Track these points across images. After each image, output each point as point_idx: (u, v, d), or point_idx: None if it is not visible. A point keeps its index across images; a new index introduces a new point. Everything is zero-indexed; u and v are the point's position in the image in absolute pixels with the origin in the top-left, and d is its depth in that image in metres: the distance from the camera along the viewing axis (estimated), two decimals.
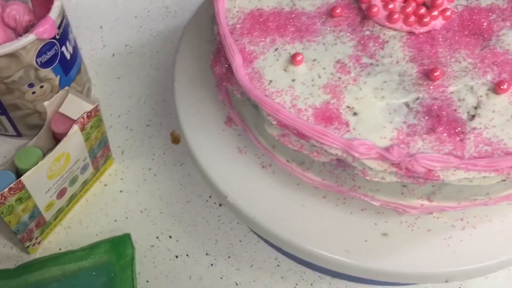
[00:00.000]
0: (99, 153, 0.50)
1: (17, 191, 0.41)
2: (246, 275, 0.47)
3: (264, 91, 0.38)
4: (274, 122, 0.37)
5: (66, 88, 0.47)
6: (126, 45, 0.64)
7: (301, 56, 0.39)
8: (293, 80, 0.38)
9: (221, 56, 0.41)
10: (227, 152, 0.43)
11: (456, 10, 0.42)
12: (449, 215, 0.40)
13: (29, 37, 0.46)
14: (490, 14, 0.42)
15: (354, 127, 0.36)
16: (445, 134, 0.35)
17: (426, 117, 0.36)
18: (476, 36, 0.40)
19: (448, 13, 0.41)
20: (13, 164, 0.43)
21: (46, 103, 0.46)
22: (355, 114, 0.37)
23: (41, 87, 0.50)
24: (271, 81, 0.38)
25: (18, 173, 0.43)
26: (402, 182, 0.35)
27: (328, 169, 0.38)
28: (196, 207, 0.51)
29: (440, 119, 0.36)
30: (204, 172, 0.42)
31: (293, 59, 0.39)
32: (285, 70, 0.39)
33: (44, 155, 0.43)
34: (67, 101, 0.47)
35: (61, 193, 0.48)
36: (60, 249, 0.48)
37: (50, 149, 0.43)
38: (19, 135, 0.55)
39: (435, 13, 0.40)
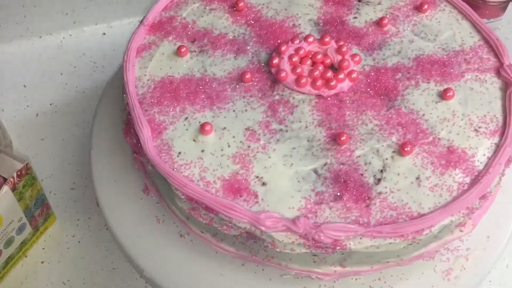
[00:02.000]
0: (37, 212, 0.49)
1: None
2: None
3: (172, 164, 0.37)
4: (183, 196, 0.36)
5: None
6: (50, 104, 0.63)
7: (209, 126, 0.39)
8: (202, 151, 0.38)
9: (131, 127, 0.40)
10: (144, 222, 0.42)
11: (363, 71, 0.43)
12: (368, 276, 0.40)
13: None
14: (396, 73, 0.43)
15: (262, 198, 0.36)
16: (352, 201, 0.36)
17: (334, 184, 0.37)
18: (382, 97, 0.41)
19: (354, 75, 0.42)
20: None
21: None
22: (263, 184, 0.37)
23: None
24: (180, 152, 0.38)
25: None
26: (311, 252, 0.35)
27: (240, 241, 0.37)
28: (122, 274, 0.49)
29: (347, 185, 0.36)
30: (120, 245, 0.41)
31: (202, 128, 0.39)
32: (194, 140, 0.39)
33: None
34: None
35: None
36: None
37: None
38: None
39: (342, 76, 0.41)
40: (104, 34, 0.71)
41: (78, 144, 0.59)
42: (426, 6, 0.47)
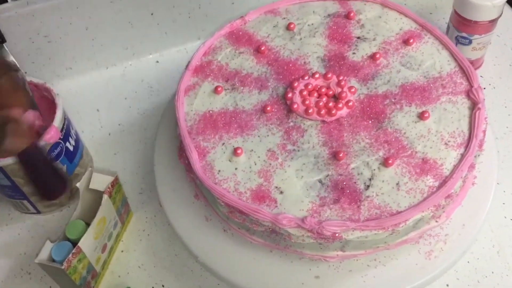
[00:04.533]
0: (123, 210, 0.64)
1: (77, 255, 0.55)
2: None
3: (214, 180, 0.51)
4: (223, 204, 0.50)
5: (90, 169, 0.61)
6: (119, 124, 0.77)
7: (241, 150, 0.52)
8: (236, 169, 0.51)
9: (183, 152, 0.54)
10: (197, 220, 0.56)
11: (358, 98, 0.55)
12: (366, 256, 0.52)
13: (41, 144, 0.59)
14: (384, 99, 0.54)
15: (280, 203, 0.49)
16: (347, 203, 0.48)
17: (333, 190, 0.49)
18: (372, 120, 0.53)
19: (350, 103, 0.53)
20: (64, 235, 0.57)
21: (78, 184, 0.59)
22: (281, 192, 0.49)
23: None
24: (219, 170, 0.51)
25: (71, 242, 0.56)
26: (317, 242, 0.48)
27: (266, 234, 0.50)
28: (182, 259, 0.64)
29: (344, 191, 0.49)
30: (180, 238, 0.55)
31: (235, 151, 0.52)
32: (229, 160, 0.52)
33: (85, 223, 0.57)
34: (93, 178, 0.61)
35: (103, 248, 0.61)
36: None
37: (89, 217, 0.57)
38: (38, 212, 0.68)
39: (340, 105, 0.53)
40: (157, 62, 0.85)
41: (142, 157, 0.73)
42: (412, 40, 0.58)
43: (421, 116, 0.52)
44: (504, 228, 0.62)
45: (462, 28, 0.70)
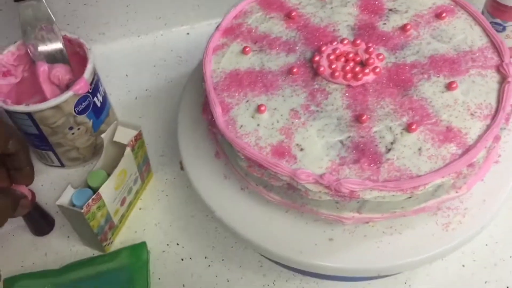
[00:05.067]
0: (144, 167, 0.65)
1: (97, 201, 0.56)
2: (236, 274, 0.60)
3: (236, 134, 0.51)
4: (243, 157, 0.50)
5: (115, 122, 0.62)
6: (146, 90, 0.79)
7: (264, 107, 0.52)
8: (258, 125, 0.52)
9: (208, 107, 0.55)
10: (215, 178, 0.56)
11: (386, 66, 0.54)
12: (382, 223, 0.52)
13: (69, 93, 0.61)
14: (412, 69, 0.54)
15: (300, 160, 0.49)
16: (366, 164, 0.48)
17: (354, 151, 0.49)
18: (399, 87, 0.53)
19: (377, 70, 0.53)
20: (86, 183, 0.58)
21: (102, 135, 0.60)
22: (301, 150, 0.50)
23: (79, 129, 0.65)
24: (241, 125, 0.52)
25: (92, 190, 0.57)
26: (334, 199, 0.48)
27: (284, 191, 0.50)
28: (198, 220, 0.65)
29: (364, 152, 0.49)
30: (198, 193, 0.56)
31: (258, 108, 0.52)
32: (252, 117, 0.52)
33: (108, 175, 0.58)
34: (117, 131, 0.62)
35: (123, 201, 0.62)
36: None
37: (111, 168, 0.58)
38: (62, 165, 0.70)
39: (367, 70, 0.53)
40: (188, 34, 0.86)
41: (166, 122, 0.74)
42: (444, 14, 0.57)
43: (449, 86, 0.52)
44: None
45: (497, 14, 0.69)
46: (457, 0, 0.59)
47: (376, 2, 0.60)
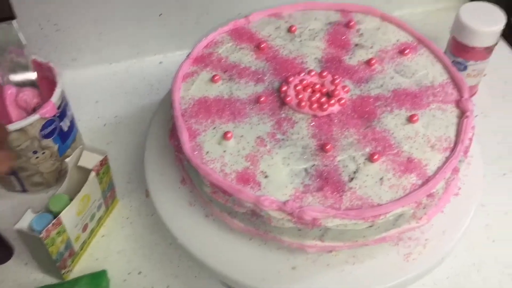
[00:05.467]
0: (108, 194, 0.64)
1: (57, 226, 0.54)
2: None
3: (202, 160, 0.51)
4: (208, 183, 0.50)
5: (81, 146, 0.61)
6: (115, 116, 0.79)
7: (231, 134, 0.53)
8: (224, 151, 0.52)
9: (175, 133, 0.55)
10: (180, 205, 0.56)
11: (351, 98, 0.56)
12: (344, 252, 0.52)
13: (35, 117, 0.60)
14: (376, 101, 0.55)
15: (264, 187, 0.49)
16: (329, 192, 0.48)
17: (318, 179, 0.49)
18: (363, 119, 0.54)
19: (343, 101, 0.55)
20: (47, 208, 0.57)
21: (67, 160, 0.59)
22: (266, 177, 0.50)
23: (43, 153, 0.64)
24: (207, 152, 0.52)
25: (53, 215, 0.56)
26: (297, 227, 0.48)
27: (247, 218, 0.50)
28: (162, 248, 0.64)
29: (328, 181, 0.49)
30: (162, 220, 0.55)
31: (225, 135, 0.53)
32: (219, 144, 0.53)
33: (70, 199, 0.57)
34: (82, 156, 0.61)
35: (84, 228, 0.61)
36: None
37: (74, 193, 0.57)
38: (24, 191, 0.68)
39: (333, 101, 0.54)
40: (160, 62, 0.87)
41: (134, 148, 0.74)
42: (407, 51, 0.60)
43: (410, 119, 0.53)
44: (485, 248, 0.62)
45: (458, 53, 0.72)
46: (420, 38, 0.61)
47: (343, 37, 0.62)
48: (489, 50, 0.71)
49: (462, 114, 0.54)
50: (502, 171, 0.70)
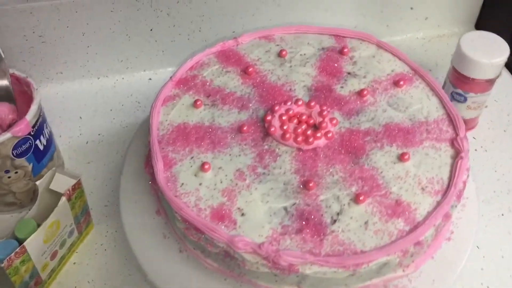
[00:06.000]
0: (82, 219, 0.61)
1: (21, 255, 0.51)
2: None
3: (176, 192, 0.48)
4: (180, 218, 0.47)
5: (53, 168, 0.58)
6: (98, 134, 0.75)
7: (208, 165, 0.49)
8: (200, 184, 0.49)
9: (150, 160, 0.51)
10: (154, 237, 0.53)
11: (339, 131, 0.52)
12: None
13: (6, 135, 0.57)
14: (366, 136, 0.52)
15: (240, 225, 0.46)
16: (309, 235, 0.45)
17: (298, 220, 0.46)
18: (350, 154, 0.51)
19: (330, 134, 0.51)
20: (13, 234, 0.54)
21: (38, 182, 0.56)
22: (243, 214, 0.46)
23: (16, 172, 0.61)
24: (182, 184, 0.49)
25: (18, 241, 0.53)
26: (272, 272, 0.44)
27: (221, 258, 0.47)
28: (135, 280, 0.60)
29: (308, 222, 0.46)
30: (132, 253, 0.52)
31: (202, 166, 0.49)
32: (195, 175, 0.49)
33: (38, 225, 0.54)
34: (55, 179, 0.58)
35: (53, 255, 0.57)
36: None
37: (44, 218, 0.53)
38: None
39: (319, 134, 0.51)
40: (150, 79, 0.84)
41: (115, 169, 0.71)
42: (402, 82, 0.56)
43: (401, 157, 0.50)
44: None
45: (459, 84, 0.68)
46: (416, 69, 0.58)
47: (336, 65, 0.58)
48: (491, 82, 0.67)
49: (457, 154, 0.50)
50: (500, 211, 0.66)
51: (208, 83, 0.57)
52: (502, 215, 0.65)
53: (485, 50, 0.65)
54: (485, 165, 0.70)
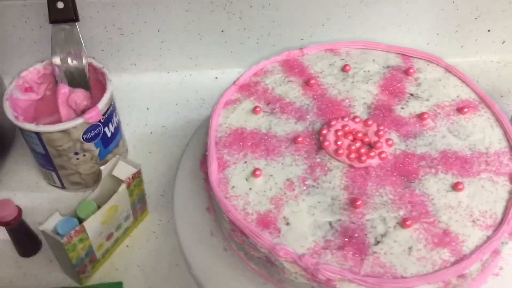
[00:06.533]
0: (138, 206, 0.64)
1: (80, 233, 0.55)
2: None
3: (226, 194, 0.50)
4: (227, 219, 0.49)
5: (117, 156, 0.62)
6: (162, 127, 0.79)
7: (260, 171, 0.51)
8: (250, 189, 0.50)
9: (206, 160, 0.54)
10: (202, 233, 0.55)
11: (393, 153, 0.52)
12: None
13: (79, 120, 0.61)
14: (421, 160, 0.51)
15: (283, 234, 0.47)
16: (351, 253, 0.45)
17: (341, 236, 0.46)
18: (402, 177, 0.50)
19: (383, 155, 0.51)
20: (75, 213, 0.58)
21: (102, 167, 0.60)
22: (287, 224, 0.48)
23: (84, 155, 0.65)
24: (233, 186, 0.50)
25: (79, 220, 0.57)
26: (311, 284, 0.45)
27: (262, 263, 0.48)
28: (182, 270, 0.62)
29: (352, 240, 0.46)
30: (180, 245, 0.54)
31: (254, 172, 0.51)
32: (246, 179, 0.51)
33: (98, 207, 0.58)
34: (117, 165, 0.62)
35: (109, 237, 0.61)
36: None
37: (104, 201, 0.57)
38: (63, 187, 0.70)
39: (373, 154, 0.51)
40: (216, 78, 0.86)
41: (174, 162, 0.74)
42: (466, 109, 0.55)
43: (455, 186, 0.49)
44: None
45: None
46: (483, 97, 0.56)
47: (399, 85, 0.58)
48: None
49: None
50: None
51: (269, 91, 0.59)
52: None
53: None
54: None
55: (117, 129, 0.69)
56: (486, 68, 0.84)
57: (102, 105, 0.64)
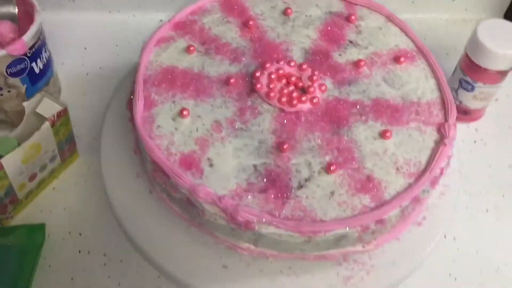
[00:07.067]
0: (66, 147, 0.61)
1: None
2: (130, 280, 0.56)
3: (150, 133, 0.48)
4: (149, 159, 0.47)
5: (42, 92, 0.58)
6: (100, 68, 0.75)
7: (187, 111, 0.49)
8: (176, 129, 0.48)
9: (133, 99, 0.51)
10: (127, 175, 0.53)
11: (326, 98, 0.51)
12: (282, 262, 0.48)
13: (1, 52, 0.57)
14: (352, 107, 0.51)
15: (206, 176, 0.45)
16: (272, 196, 0.44)
17: (265, 180, 0.45)
18: (332, 123, 0.49)
19: (315, 100, 0.50)
20: None
21: (25, 104, 0.57)
22: (211, 165, 0.46)
23: (9, 91, 0.62)
24: (159, 126, 0.48)
25: None
26: (230, 226, 0.44)
27: (184, 205, 0.47)
28: (109, 214, 0.60)
29: (275, 183, 0.45)
30: (106, 191, 0.52)
31: (181, 112, 0.49)
32: (173, 119, 0.49)
33: (19, 144, 0.55)
34: (42, 103, 0.58)
35: (32, 177, 0.58)
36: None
37: (25, 140, 0.54)
38: None
39: (304, 98, 0.50)
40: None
41: (108, 102, 0.71)
42: (403, 59, 0.54)
43: (383, 134, 0.49)
44: (444, 286, 0.58)
45: (468, 72, 0.66)
46: (420, 48, 0.56)
47: (339, 31, 0.57)
48: (502, 74, 0.65)
49: (441, 140, 0.49)
50: (485, 207, 0.64)
51: (205, 31, 0.56)
52: (487, 211, 0.64)
53: (502, 39, 0.62)
54: (480, 158, 0.68)
55: (47, 66, 0.66)
56: (435, 25, 0.84)
57: (28, 37, 0.59)
